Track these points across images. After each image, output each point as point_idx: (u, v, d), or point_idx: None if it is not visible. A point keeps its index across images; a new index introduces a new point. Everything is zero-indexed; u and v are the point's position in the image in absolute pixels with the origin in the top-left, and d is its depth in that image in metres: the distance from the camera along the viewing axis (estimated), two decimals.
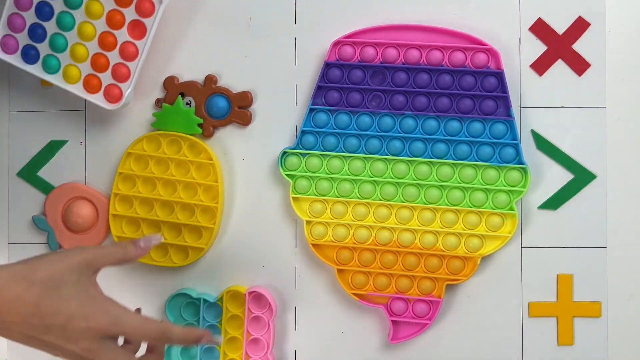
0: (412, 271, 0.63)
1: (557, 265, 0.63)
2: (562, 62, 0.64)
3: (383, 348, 0.64)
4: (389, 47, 0.63)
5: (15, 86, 0.67)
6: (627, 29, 0.64)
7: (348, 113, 0.63)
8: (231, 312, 0.64)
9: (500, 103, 0.62)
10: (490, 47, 0.62)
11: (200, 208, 0.64)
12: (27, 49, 0.63)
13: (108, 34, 0.62)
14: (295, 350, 0.65)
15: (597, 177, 0.63)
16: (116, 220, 0.65)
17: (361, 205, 0.64)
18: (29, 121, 0.67)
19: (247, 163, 0.65)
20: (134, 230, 0.65)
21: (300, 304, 0.65)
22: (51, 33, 0.62)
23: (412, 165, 0.63)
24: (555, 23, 0.64)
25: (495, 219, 0.63)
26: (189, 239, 0.64)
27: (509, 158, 0.62)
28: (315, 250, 0.64)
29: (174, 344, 0.53)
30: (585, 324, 0.63)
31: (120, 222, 0.65)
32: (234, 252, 0.65)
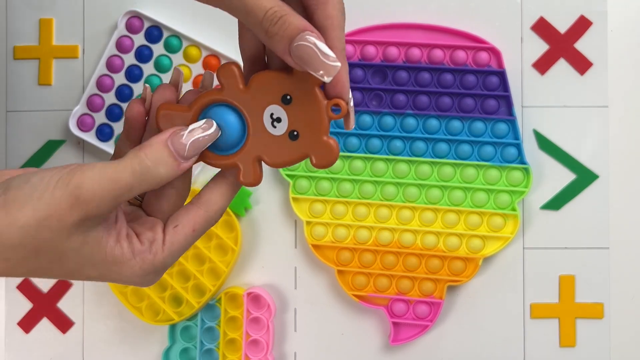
0: (413, 272, 0.62)
1: (559, 266, 0.63)
2: (564, 61, 0.63)
3: (384, 350, 0.64)
4: (389, 45, 0.62)
5: (13, 86, 0.66)
6: (630, 28, 0.64)
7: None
8: (230, 313, 0.63)
9: (502, 102, 0.62)
10: (492, 46, 0.62)
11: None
12: (102, 128, 0.65)
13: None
14: (295, 351, 0.64)
15: (599, 177, 0.63)
16: None
17: (362, 205, 0.63)
18: (27, 121, 0.66)
19: None
20: None
21: (300, 305, 0.65)
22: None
23: (413, 165, 0.63)
24: (557, 22, 0.63)
25: (497, 219, 0.62)
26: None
27: (510, 158, 0.62)
28: (315, 250, 0.63)
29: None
30: (587, 325, 0.63)
31: None
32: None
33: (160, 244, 0.37)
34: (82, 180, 0.33)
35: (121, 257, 0.36)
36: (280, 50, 0.34)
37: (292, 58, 0.34)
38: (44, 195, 0.33)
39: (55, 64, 0.66)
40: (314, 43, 0.34)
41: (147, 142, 0.36)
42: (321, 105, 0.36)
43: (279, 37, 0.34)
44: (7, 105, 0.67)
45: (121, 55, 0.65)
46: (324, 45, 0.34)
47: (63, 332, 0.65)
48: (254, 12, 0.34)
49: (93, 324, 0.65)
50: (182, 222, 0.37)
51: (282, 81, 0.36)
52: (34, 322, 0.66)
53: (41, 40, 0.66)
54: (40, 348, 0.65)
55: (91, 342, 0.65)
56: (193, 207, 0.38)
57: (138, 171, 0.34)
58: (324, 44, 0.34)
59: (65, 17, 0.66)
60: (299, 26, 0.34)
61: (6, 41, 0.66)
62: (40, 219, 0.33)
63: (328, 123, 0.36)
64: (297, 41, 0.34)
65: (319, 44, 0.34)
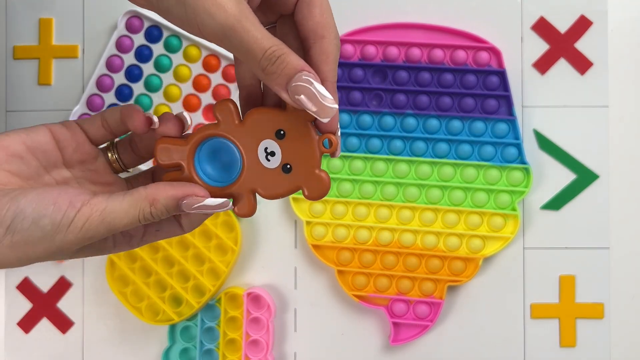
0: (413, 272, 0.62)
1: (559, 266, 0.63)
2: (564, 61, 0.63)
3: (384, 350, 0.64)
4: (390, 45, 0.62)
5: (13, 85, 0.66)
6: (630, 28, 0.64)
7: (348, 112, 0.63)
8: (230, 313, 0.63)
9: (502, 102, 0.62)
10: (492, 46, 0.62)
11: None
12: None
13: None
14: (295, 352, 0.64)
15: (599, 177, 0.63)
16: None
17: (362, 205, 0.63)
18: (26, 121, 0.66)
19: None
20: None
21: (300, 305, 0.64)
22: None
23: (413, 165, 0.63)
24: (558, 22, 0.63)
25: (497, 219, 0.62)
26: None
27: (511, 158, 0.62)
28: (315, 251, 0.63)
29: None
30: (587, 325, 0.63)
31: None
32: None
33: (139, 240, 0.40)
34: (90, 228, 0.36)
35: (101, 248, 0.40)
36: (277, 88, 0.35)
37: (289, 96, 0.35)
38: (55, 238, 0.35)
39: (55, 64, 0.66)
40: (312, 84, 0.35)
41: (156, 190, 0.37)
42: (313, 141, 0.37)
43: (277, 76, 0.35)
44: (7, 105, 0.66)
45: (121, 55, 0.65)
46: (322, 87, 0.35)
47: (63, 332, 0.65)
48: (253, 51, 0.34)
49: (93, 324, 0.65)
50: (163, 231, 0.40)
51: (275, 117, 0.37)
52: (34, 322, 0.65)
53: (41, 40, 0.66)
54: (40, 348, 0.65)
55: (91, 342, 0.65)
56: (175, 223, 0.40)
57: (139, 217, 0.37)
58: (321, 86, 0.35)
59: (65, 17, 0.66)
60: (296, 66, 0.35)
61: (6, 41, 0.66)
62: (50, 253, 0.36)
63: (320, 157, 0.37)
64: (295, 81, 0.35)
65: (317, 85, 0.35)
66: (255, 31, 0.34)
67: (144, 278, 0.64)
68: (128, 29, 0.64)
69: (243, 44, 0.34)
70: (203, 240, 0.63)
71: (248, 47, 0.35)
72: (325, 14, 0.37)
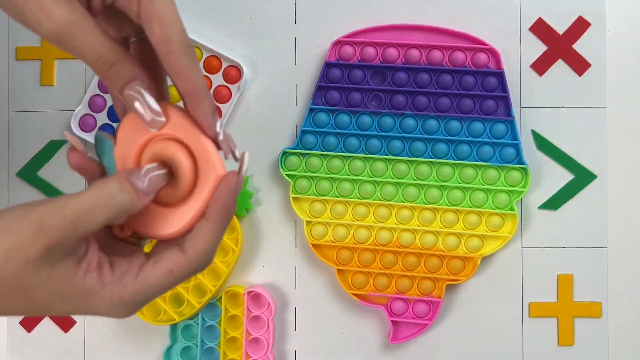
0: (412, 271, 0.63)
1: (557, 266, 0.63)
2: (562, 62, 0.64)
3: (383, 348, 0.64)
4: (389, 47, 0.63)
5: (15, 86, 0.67)
6: (628, 29, 0.64)
7: (348, 113, 0.63)
8: (230, 312, 0.64)
9: (500, 103, 0.62)
10: (491, 47, 0.62)
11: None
12: (104, 128, 0.65)
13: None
14: (295, 350, 0.65)
15: (597, 177, 0.63)
16: None
17: (361, 205, 0.63)
18: (29, 121, 0.67)
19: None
20: None
21: (300, 304, 0.65)
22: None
23: (412, 165, 0.63)
24: (556, 23, 0.64)
25: (496, 219, 0.62)
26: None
27: (509, 158, 0.62)
28: (315, 250, 0.63)
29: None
30: (585, 324, 0.63)
31: None
32: None
33: (133, 276, 0.36)
34: (44, 212, 0.33)
35: (90, 288, 0.35)
36: (115, 93, 0.36)
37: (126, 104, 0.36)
38: (10, 228, 0.33)
39: (57, 65, 0.66)
40: (142, 94, 0.35)
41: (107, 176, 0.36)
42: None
43: (111, 82, 0.35)
44: (10, 105, 0.67)
45: None
46: (151, 99, 0.35)
47: (65, 331, 0.66)
48: (86, 57, 0.35)
49: (94, 323, 0.66)
50: (161, 261, 0.36)
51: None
52: (36, 321, 0.66)
53: (43, 41, 0.66)
54: (42, 347, 0.66)
55: (93, 341, 0.65)
56: (175, 249, 0.37)
57: (98, 199, 0.34)
58: (150, 97, 0.35)
59: None
60: (128, 75, 0.35)
61: (8, 42, 0.66)
62: (6, 250, 0.32)
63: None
64: (127, 89, 0.35)
65: (146, 95, 0.35)
66: (87, 39, 0.34)
67: None
68: None
69: (76, 50, 0.35)
70: None
71: (81, 53, 0.35)
72: (165, 28, 0.35)
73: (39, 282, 0.33)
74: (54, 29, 0.34)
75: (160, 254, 0.37)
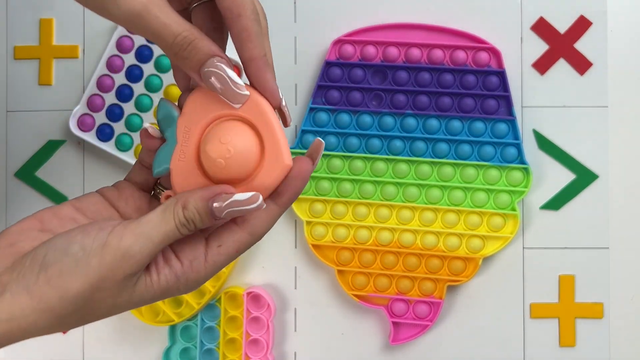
0: (413, 272, 0.63)
1: (559, 266, 0.63)
2: (564, 62, 0.63)
3: (384, 349, 0.64)
4: (389, 46, 0.63)
5: (13, 86, 0.66)
6: (629, 28, 0.64)
7: (348, 112, 0.63)
8: (230, 312, 0.63)
9: (501, 102, 0.62)
10: (492, 46, 0.62)
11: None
12: (103, 128, 0.65)
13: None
14: (295, 351, 0.65)
15: (599, 177, 0.63)
16: None
17: (362, 205, 0.63)
18: (27, 121, 0.66)
19: None
20: None
21: (300, 304, 0.65)
22: (128, 113, 0.64)
23: (413, 165, 0.63)
24: (557, 22, 0.63)
25: (497, 219, 0.62)
26: None
27: (510, 158, 0.62)
28: (315, 250, 0.63)
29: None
30: (587, 325, 0.63)
31: None
32: None
33: (202, 261, 0.37)
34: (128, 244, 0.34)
35: (167, 286, 0.36)
36: (191, 72, 0.36)
37: (202, 80, 0.36)
38: (91, 262, 0.34)
39: (55, 64, 0.66)
40: (223, 69, 0.35)
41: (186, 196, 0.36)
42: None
43: (189, 61, 0.35)
44: (8, 105, 0.67)
45: (121, 55, 0.65)
46: (233, 73, 0.35)
47: (63, 332, 0.65)
48: (163, 37, 0.35)
49: (93, 324, 0.65)
50: (226, 243, 0.37)
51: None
52: None
53: (41, 40, 0.66)
54: (41, 348, 0.65)
55: (91, 342, 0.65)
56: (238, 230, 0.37)
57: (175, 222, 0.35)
58: (232, 72, 0.35)
59: (65, 17, 0.66)
60: (208, 52, 0.35)
61: (6, 41, 0.66)
62: (93, 284, 0.34)
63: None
64: (207, 67, 0.35)
65: (228, 71, 0.35)
66: (164, 17, 0.35)
67: None
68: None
69: (152, 30, 0.35)
70: None
71: (158, 33, 0.35)
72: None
73: (124, 299, 0.35)
74: (132, 9, 0.34)
75: (223, 237, 0.37)
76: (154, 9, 0.34)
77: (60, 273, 0.34)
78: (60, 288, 0.34)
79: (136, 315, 0.63)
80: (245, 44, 0.36)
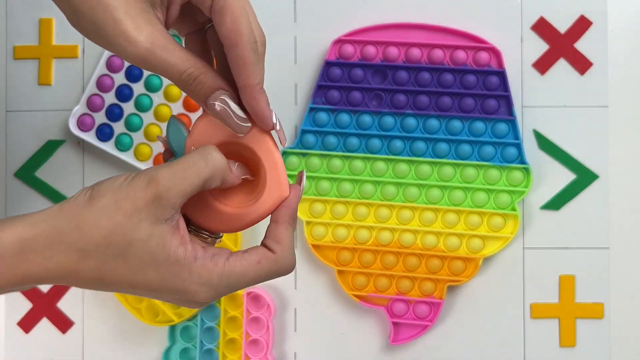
0: (413, 272, 0.62)
1: (559, 266, 0.63)
2: (564, 61, 0.63)
3: (384, 350, 0.64)
4: (389, 45, 0.62)
5: (13, 86, 0.66)
6: (630, 28, 0.64)
7: (348, 112, 0.63)
8: (230, 313, 0.63)
9: (502, 102, 0.62)
10: (492, 46, 0.62)
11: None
12: (102, 128, 0.65)
13: (183, 116, 0.65)
14: (295, 351, 0.64)
15: (599, 177, 0.63)
16: None
17: (362, 205, 0.63)
18: (27, 121, 0.66)
19: None
20: None
21: (300, 305, 0.64)
22: (128, 113, 0.65)
23: (413, 165, 0.63)
24: (557, 22, 0.63)
25: (497, 219, 0.62)
26: None
27: (510, 158, 0.62)
28: (315, 251, 0.63)
29: None
30: (587, 325, 0.63)
31: None
32: None
33: (223, 259, 0.38)
34: (157, 171, 0.36)
35: (184, 258, 0.37)
36: (199, 103, 0.39)
37: (209, 112, 0.39)
38: (123, 184, 0.36)
39: (55, 64, 0.66)
40: (226, 103, 0.38)
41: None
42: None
43: (196, 94, 0.38)
44: (7, 105, 0.67)
45: None
46: (235, 106, 0.38)
47: (63, 332, 0.65)
48: (170, 74, 0.38)
49: (93, 324, 0.65)
50: (250, 252, 0.39)
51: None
52: (34, 322, 0.65)
53: (41, 40, 0.66)
54: (40, 348, 0.65)
55: (91, 342, 0.65)
56: (263, 247, 0.40)
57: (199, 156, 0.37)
58: (235, 105, 0.38)
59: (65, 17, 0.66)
60: (212, 85, 0.38)
61: (6, 41, 0.66)
62: (117, 200, 0.36)
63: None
64: (211, 99, 0.38)
65: (231, 104, 0.38)
66: (170, 57, 0.37)
67: None
68: None
69: (160, 70, 0.37)
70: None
71: (165, 72, 0.37)
72: (237, 21, 0.38)
73: (139, 237, 0.36)
74: (137, 54, 0.37)
75: (249, 249, 0.40)
76: (158, 52, 0.37)
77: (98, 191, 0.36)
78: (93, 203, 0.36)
79: (136, 315, 0.63)
80: (241, 72, 0.38)
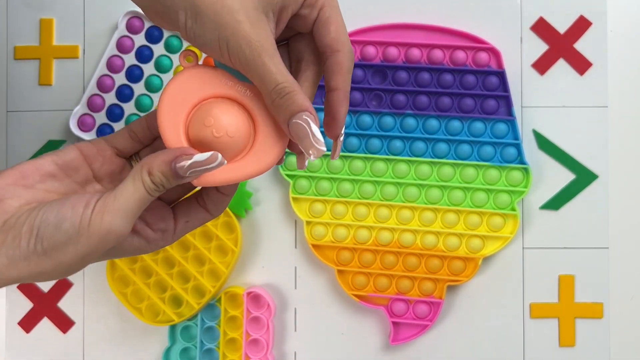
0: (413, 272, 0.63)
1: (558, 266, 0.63)
2: (563, 62, 0.63)
3: (384, 349, 0.64)
4: (389, 46, 0.63)
5: (13, 86, 0.66)
6: (629, 28, 0.64)
7: (348, 112, 0.63)
8: (230, 312, 0.63)
9: (501, 102, 0.62)
10: (492, 46, 0.62)
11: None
12: (103, 128, 0.65)
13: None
14: (295, 351, 0.65)
15: (598, 177, 0.63)
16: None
17: (361, 205, 0.63)
18: (27, 121, 0.66)
19: None
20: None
21: (300, 305, 0.65)
22: (128, 113, 0.65)
23: (413, 165, 0.63)
24: (557, 22, 0.63)
25: (497, 219, 0.62)
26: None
27: (510, 158, 0.62)
28: (315, 250, 0.63)
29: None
30: (587, 325, 0.63)
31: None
32: None
33: (172, 233, 0.42)
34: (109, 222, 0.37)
35: (139, 248, 0.41)
36: (280, 120, 0.39)
37: (289, 130, 0.39)
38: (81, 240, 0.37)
39: (55, 64, 0.66)
40: (309, 124, 0.39)
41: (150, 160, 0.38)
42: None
43: (282, 110, 0.39)
44: (8, 105, 0.67)
45: (121, 55, 0.65)
46: (317, 129, 0.39)
47: (63, 331, 0.65)
48: (266, 82, 0.38)
49: (93, 324, 0.65)
50: (192, 220, 0.42)
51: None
52: (35, 322, 0.66)
53: (41, 40, 0.66)
54: (41, 348, 0.65)
55: (91, 342, 0.65)
56: (202, 210, 0.43)
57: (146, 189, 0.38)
58: (317, 128, 0.39)
59: (66, 17, 0.66)
60: (301, 106, 0.39)
61: (7, 41, 0.66)
62: (84, 256, 0.38)
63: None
64: (296, 118, 0.39)
65: (313, 126, 0.39)
66: (272, 65, 0.38)
67: (144, 279, 0.64)
68: (129, 29, 0.65)
69: (259, 74, 0.38)
70: (203, 241, 0.64)
71: (262, 78, 0.38)
72: (340, 31, 0.41)
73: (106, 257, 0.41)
74: (250, 55, 0.38)
75: (190, 214, 0.43)
76: (266, 57, 0.38)
77: (54, 246, 0.37)
78: (55, 259, 0.37)
79: (136, 315, 0.63)
80: (335, 76, 0.40)
